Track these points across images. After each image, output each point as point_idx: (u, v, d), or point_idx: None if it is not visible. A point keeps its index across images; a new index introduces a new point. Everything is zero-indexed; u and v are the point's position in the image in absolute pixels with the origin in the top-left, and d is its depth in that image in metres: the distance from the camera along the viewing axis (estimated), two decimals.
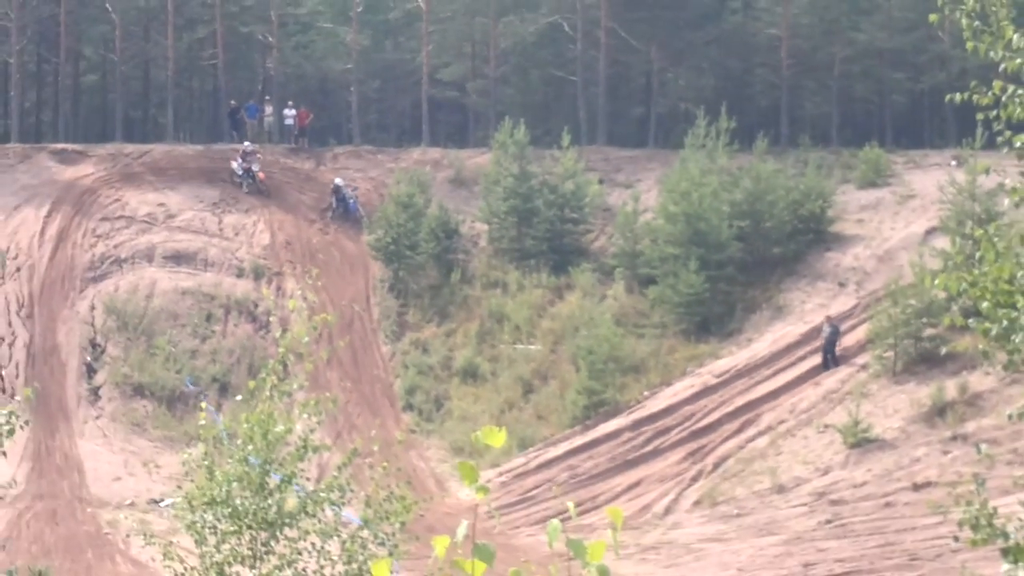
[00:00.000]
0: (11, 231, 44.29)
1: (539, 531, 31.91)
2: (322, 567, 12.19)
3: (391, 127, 59.36)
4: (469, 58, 58.63)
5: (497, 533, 30.27)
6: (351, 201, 47.63)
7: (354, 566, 12.45)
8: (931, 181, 42.50)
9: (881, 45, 51.55)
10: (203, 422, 13.15)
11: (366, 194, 48.23)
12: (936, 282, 10.32)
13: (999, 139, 9.19)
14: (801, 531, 34.27)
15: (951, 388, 37.54)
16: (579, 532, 3.95)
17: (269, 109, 53.70)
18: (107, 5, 55.67)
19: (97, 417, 40.83)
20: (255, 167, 47.18)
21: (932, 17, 10.07)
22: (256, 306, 43.30)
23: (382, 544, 12.02)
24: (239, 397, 21.67)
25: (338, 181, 47.54)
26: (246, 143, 48.16)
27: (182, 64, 59.30)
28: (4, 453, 10.85)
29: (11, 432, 11.04)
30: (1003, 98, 8.93)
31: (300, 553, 12.27)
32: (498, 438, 3.60)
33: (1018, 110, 8.95)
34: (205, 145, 53.01)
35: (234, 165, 47.05)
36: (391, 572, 3.80)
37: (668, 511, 36.14)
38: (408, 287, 44.11)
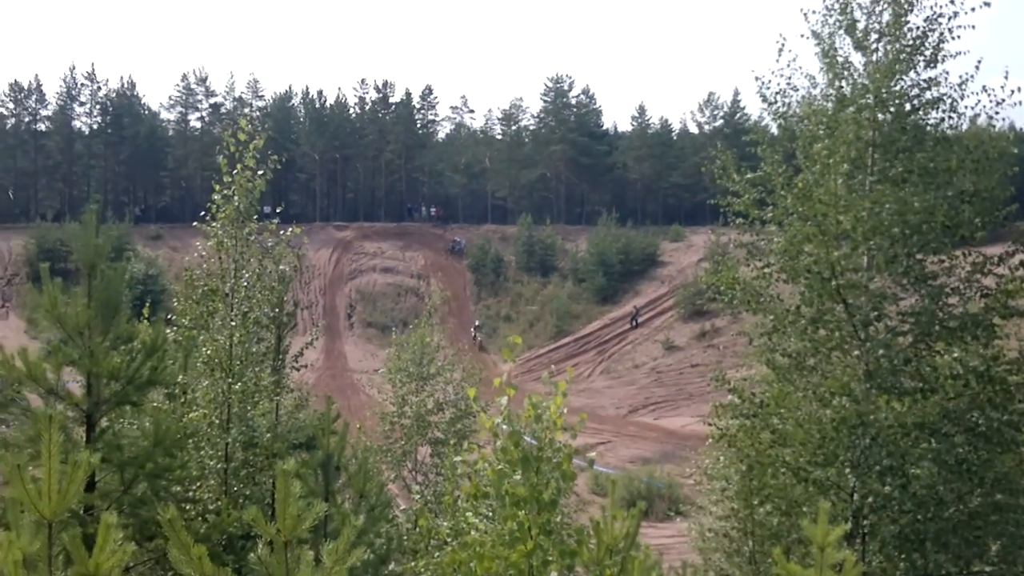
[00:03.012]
0: (315, 259, 64.50)
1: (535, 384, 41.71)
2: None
3: (483, 213, 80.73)
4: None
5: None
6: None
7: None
8: (700, 240, 62.46)
9: (676, 181, 72.80)
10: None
11: (469, 242, 68.83)
12: (703, 278, 13.74)
13: (732, 222, 12.83)
14: (644, 384, 52.69)
15: (707, 324, 56.30)
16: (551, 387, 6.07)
17: (424, 208, 76.14)
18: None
19: (351, 334, 61.45)
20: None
21: (703, 169, 14.09)
22: (418, 291, 64.62)
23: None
24: (411, 325, 24.25)
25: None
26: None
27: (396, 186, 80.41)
28: (314, 345, 13.55)
29: (317, 338, 20.63)
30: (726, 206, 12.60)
31: None
32: (518, 340, 6.13)
33: (736, 208, 12.49)
34: (396, 223, 74.58)
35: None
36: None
37: (590, 376, 54.56)
38: (481, 283, 65.87)
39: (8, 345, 10.26)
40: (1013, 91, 11.75)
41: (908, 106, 12.28)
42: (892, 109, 12.19)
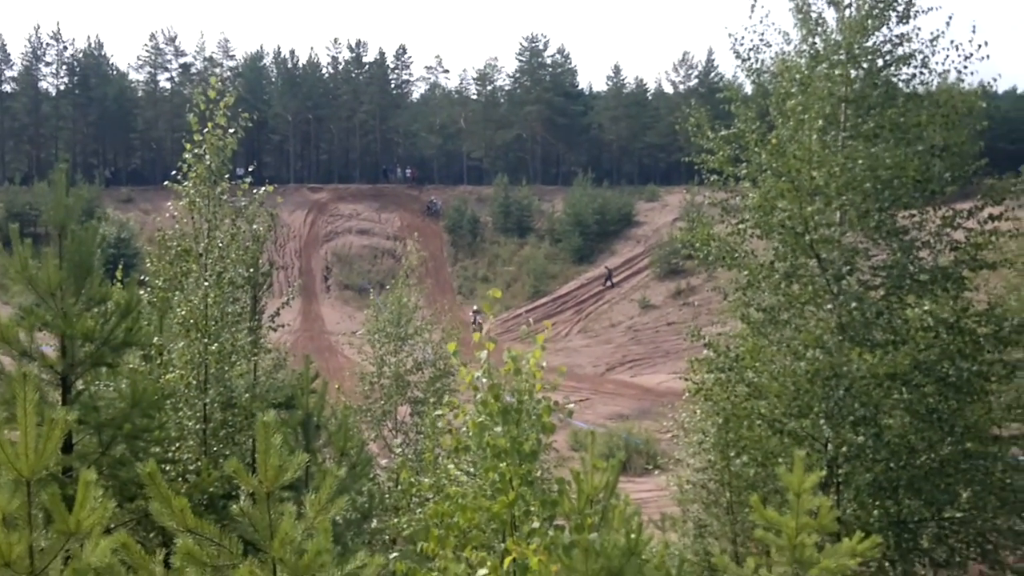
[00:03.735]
0: (290, 221, 64.61)
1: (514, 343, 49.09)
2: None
3: (459, 174, 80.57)
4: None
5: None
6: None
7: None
8: (675, 200, 62.73)
9: (652, 141, 73.28)
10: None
11: (445, 203, 68.58)
12: (679, 236, 14.68)
13: (707, 180, 12.91)
14: (621, 343, 53.09)
15: (683, 283, 56.63)
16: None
17: (399, 170, 76.07)
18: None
19: (328, 297, 61.39)
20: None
21: (677, 128, 14.40)
22: (395, 253, 64.04)
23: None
24: (388, 286, 24.44)
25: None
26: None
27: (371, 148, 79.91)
28: (290, 305, 13.62)
29: (293, 298, 20.66)
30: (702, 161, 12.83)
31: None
32: (497, 293, 6.19)
33: (710, 165, 12.54)
34: (371, 184, 74.46)
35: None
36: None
37: (567, 335, 54.80)
38: (457, 244, 65.95)
39: None
40: (980, 45, 11.83)
41: (880, 62, 12.33)
42: (864, 65, 12.23)
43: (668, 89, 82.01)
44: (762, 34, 12.82)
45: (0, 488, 4.53)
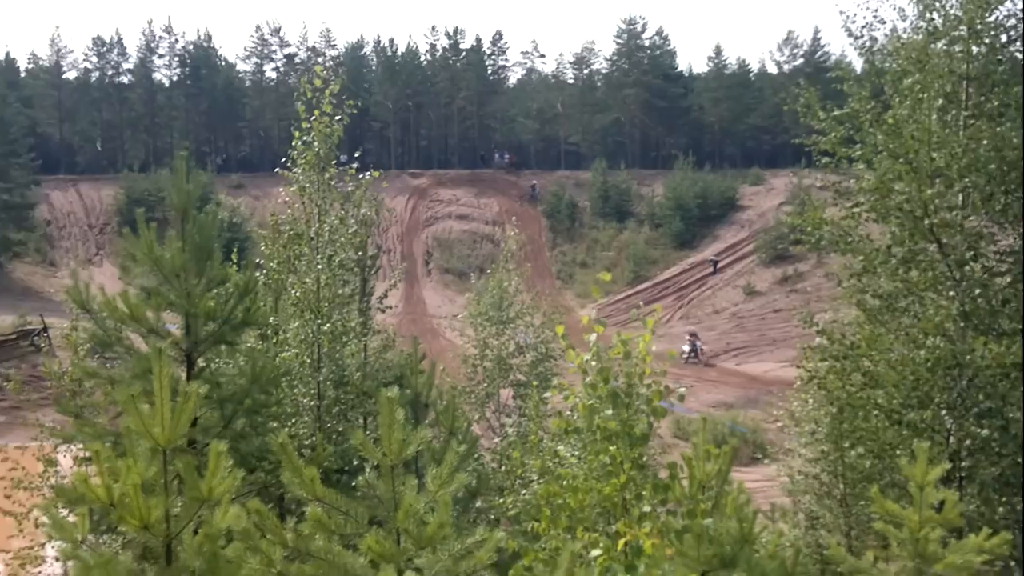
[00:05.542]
0: (392, 206, 65.19)
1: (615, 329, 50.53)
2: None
3: (558, 158, 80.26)
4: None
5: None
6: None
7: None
8: (781, 183, 61.14)
9: (755, 123, 72.32)
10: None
11: (542, 188, 68.65)
12: (788, 220, 16.20)
13: (817, 162, 12.20)
14: (725, 329, 52.31)
15: (790, 269, 55.46)
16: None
17: (496, 155, 76.65)
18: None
19: (429, 280, 62.46)
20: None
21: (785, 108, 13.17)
22: (494, 237, 64.85)
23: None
24: (488, 271, 24.51)
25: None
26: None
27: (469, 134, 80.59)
28: (397, 287, 23.53)
29: (400, 280, 31.70)
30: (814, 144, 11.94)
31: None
32: (607, 276, 6.83)
33: (821, 147, 11.82)
34: (470, 170, 75.16)
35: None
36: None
37: (669, 322, 53.71)
38: (556, 229, 66.16)
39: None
40: None
41: (1004, 37, 11.73)
42: (987, 41, 11.65)
43: (772, 69, 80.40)
44: (876, 11, 12.34)
45: (137, 456, 4.81)
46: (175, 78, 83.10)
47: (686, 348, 44.44)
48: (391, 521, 3.47)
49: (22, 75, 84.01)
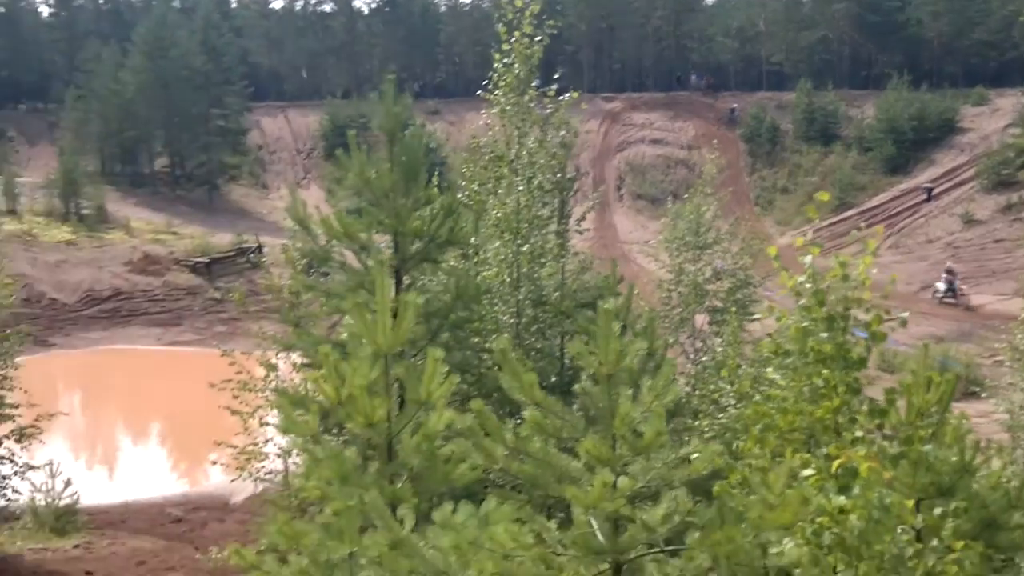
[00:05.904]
0: (585, 131, 63.25)
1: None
2: None
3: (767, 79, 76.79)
4: None
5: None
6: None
7: None
8: (1008, 103, 57.07)
9: (980, 38, 66.25)
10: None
11: (742, 111, 66.69)
12: (1013, 143, 25.38)
13: None
14: (938, 260, 48.22)
15: (1015, 196, 51.42)
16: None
17: (693, 77, 74.65)
18: None
19: (621, 206, 62.23)
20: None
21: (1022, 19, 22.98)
22: (688, 162, 63.80)
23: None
24: (685, 196, 26.02)
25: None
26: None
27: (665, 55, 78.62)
28: (596, 209, 24.58)
29: (598, 203, 31.67)
30: None
31: None
32: (824, 196, 5.72)
33: None
34: (665, 92, 73.68)
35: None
36: None
37: (877, 250, 52.19)
38: (755, 153, 64.16)
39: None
40: None
41: None
42: None
43: None
44: None
45: (361, 361, 5.17)
46: (374, 5, 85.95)
47: (941, 286, 41.14)
48: (606, 428, 3.57)
49: (233, 5, 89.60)
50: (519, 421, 3.87)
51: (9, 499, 17.73)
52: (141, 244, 47.56)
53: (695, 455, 3.71)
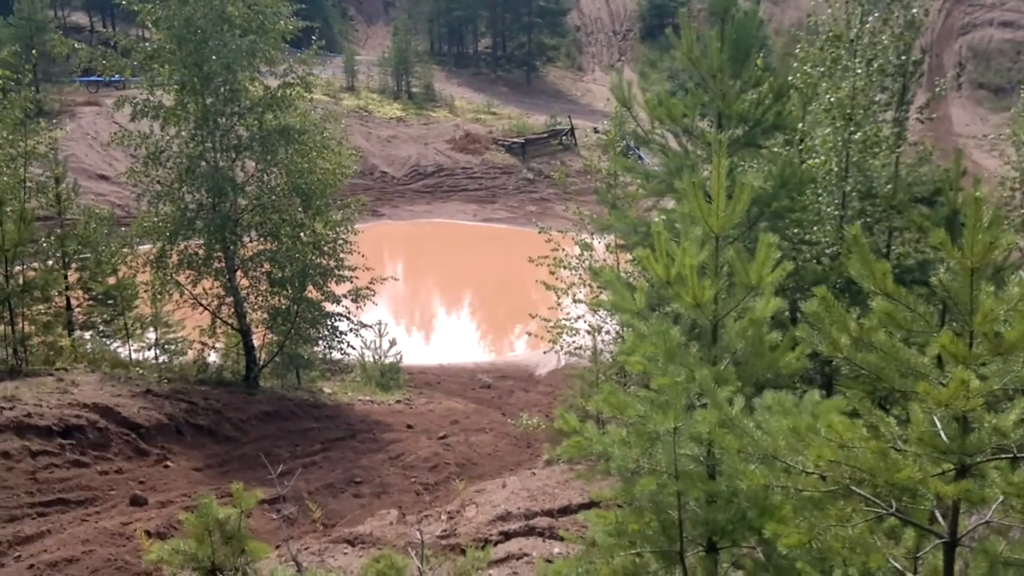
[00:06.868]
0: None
1: None
2: None
3: None
4: None
5: None
6: None
7: None
8: None
9: None
10: None
11: None
12: None
13: None
14: None
15: None
16: None
17: None
18: None
19: (959, 96, 55.07)
20: None
21: None
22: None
23: None
24: None
25: None
26: None
27: None
28: (943, 95, 23.49)
29: (944, 89, 24.74)
30: None
31: None
32: None
33: None
34: None
35: None
36: None
37: None
38: None
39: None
40: None
41: None
42: None
43: None
44: None
45: (692, 241, 5.18)
46: None
47: None
48: (964, 325, 3.36)
49: None
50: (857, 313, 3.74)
51: (345, 353, 19.57)
52: (463, 123, 50.37)
53: None
